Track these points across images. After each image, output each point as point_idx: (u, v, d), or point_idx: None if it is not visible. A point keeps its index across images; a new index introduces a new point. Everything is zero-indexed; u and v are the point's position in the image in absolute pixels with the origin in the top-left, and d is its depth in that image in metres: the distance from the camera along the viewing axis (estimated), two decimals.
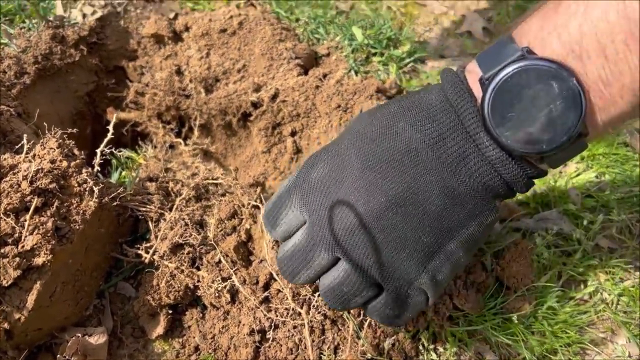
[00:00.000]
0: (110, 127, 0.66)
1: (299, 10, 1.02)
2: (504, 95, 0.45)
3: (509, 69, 0.45)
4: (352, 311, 0.63)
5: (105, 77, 0.99)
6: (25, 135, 0.64)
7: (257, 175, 0.88)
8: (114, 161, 0.78)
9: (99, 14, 0.97)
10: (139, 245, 0.67)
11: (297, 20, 1.00)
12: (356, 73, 0.92)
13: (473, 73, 0.48)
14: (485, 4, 1.13)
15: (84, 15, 0.97)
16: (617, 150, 0.87)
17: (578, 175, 0.84)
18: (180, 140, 0.88)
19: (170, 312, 0.65)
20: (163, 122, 0.95)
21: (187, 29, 0.99)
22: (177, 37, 1.00)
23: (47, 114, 0.88)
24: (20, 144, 0.64)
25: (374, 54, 0.96)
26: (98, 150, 0.65)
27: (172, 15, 1.01)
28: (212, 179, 0.73)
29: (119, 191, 0.65)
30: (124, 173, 0.77)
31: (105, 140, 0.66)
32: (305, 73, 0.93)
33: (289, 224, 0.53)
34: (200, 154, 0.90)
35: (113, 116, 0.89)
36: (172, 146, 0.93)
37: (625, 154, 0.87)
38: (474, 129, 0.47)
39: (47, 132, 0.65)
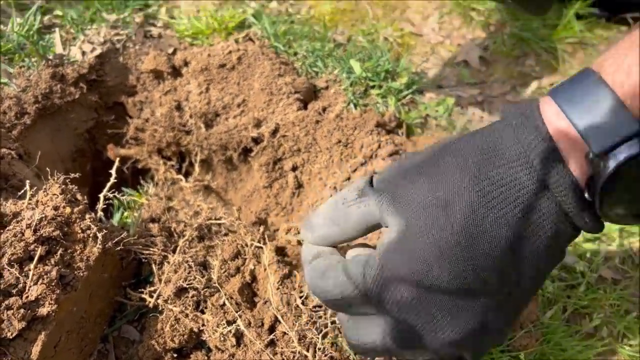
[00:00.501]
0: (113, 172, 0.66)
1: (297, 43, 1.03)
2: (621, 180, 0.39)
3: (629, 152, 0.39)
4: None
5: (105, 114, 0.99)
6: (28, 182, 0.64)
7: (259, 212, 0.88)
8: (115, 201, 0.78)
9: (98, 51, 0.98)
10: (142, 289, 0.66)
11: (295, 54, 1.01)
12: (355, 106, 0.93)
13: (567, 137, 0.42)
14: (481, 32, 1.14)
15: (84, 53, 0.97)
16: None
17: None
18: (181, 177, 0.88)
19: (175, 355, 0.65)
20: (164, 158, 0.95)
21: (186, 64, 1.00)
22: (176, 72, 1.00)
23: (48, 153, 0.88)
24: (23, 190, 0.64)
25: (372, 87, 0.97)
26: (101, 196, 0.66)
27: (170, 51, 1.02)
28: (215, 218, 0.73)
29: (122, 236, 0.65)
30: (126, 213, 0.77)
31: (108, 185, 0.66)
32: (305, 107, 0.93)
33: (364, 329, 0.49)
34: (201, 189, 0.90)
35: (113, 153, 0.90)
36: (173, 182, 0.93)
37: None
38: (574, 211, 0.43)
39: (49, 177, 0.65)
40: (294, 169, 0.88)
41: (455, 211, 0.43)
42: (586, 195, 0.42)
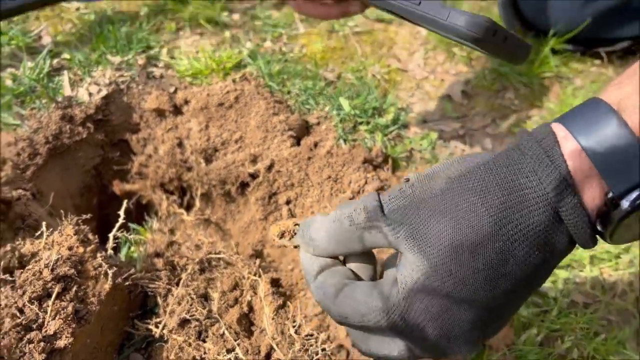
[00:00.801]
0: (122, 213, 0.73)
1: (290, 82, 1.10)
2: (633, 215, 0.43)
3: None
4: None
5: (111, 150, 1.06)
6: (44, 223, 0.70)
7: (255, 243, 0.94)
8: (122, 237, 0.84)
9: (104, 92, 1.04)
10: (149, 320, 0.72)
11: (289, 92, 1.08)
12: (345, 141, 1.00)
13: (587, 177, 0.44)
14: (463, 67, 1.21)
15: (90, 94, 1.04)
16: None
17: None
18: (183, 210, 0.95)
19: None
20: (166, 192, 1.01)
21: (186, 102, 1.06)
22: (177, 110, 1.07)
23: (58, 190, 0.95)
24: (40, 231, 0.70)
25: (361, 123, 1.04)
26: (110, 235, 0.72)
27: (172, 90, 1.08)
28: (215, 253, 0.79)
29: (130, 272, 0.71)
30: (132, 248, 0.83)
31: (117, 225, 0.73)
32: (298, 143, 1.00)
33: (378, 343, 0.51)
34: (202, 222, 0.96)
35: (119, 188, 0.96)
36: (176, 215, 0.99)
37: None
38: (584, 241, 0.46)
39: (63, 218, 0.71)
40: (288, 202, 0.95)
41: (481, 255, 0.45)
42: (598, 227, 0.46)
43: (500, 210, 0.45)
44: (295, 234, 0.53)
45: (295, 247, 0.53)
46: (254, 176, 0.97)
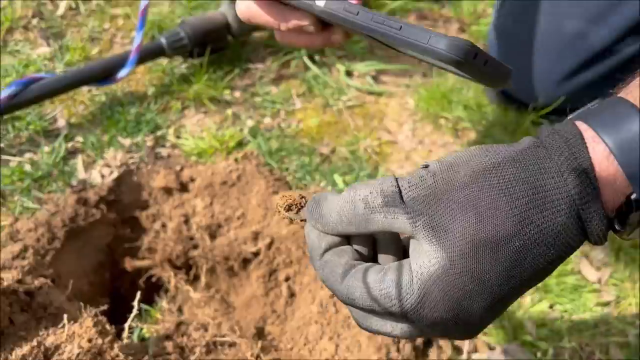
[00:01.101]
0: (136, 304, 0.80)
1: (288, 159, 1.18)
2: None
3: None
4: None
5: (121, 227, 1.14)
6: (65, 316, 0.78)
7: (257, 320, 1.01)
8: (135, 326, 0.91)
9: (115, 174, 1.13)
10: None
11: (287, 169, 1.16)
12: None
13: (613, 179, 0.45)
14: (450, 137, 1.30)
15: (103, 176, 1.13)
16: (567, 279, 1.02)
17: (533, 306, 0.98)
18: (190, 288, 1.02)
19: None
20: (174, 267, 1.09)
21: (192, 180, 1.15)
22: (183, 188, 1.15)
23: (74, 270, 1.02)
24: (61, 324, 0.77)
25: None
26: (126, 326, 0.79)
27: (178, 168, 1.17)
28: (220, 336, 0.86)
29: (144, 359, 0.78)
30: (144, 330, 0.90)
31: (132, 315, 0.80)
32: None
33: (380, 322, 0.50)
34: (208, 298, 1.04)
35: (130, 265, 1.04)
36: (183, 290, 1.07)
37: (574, 283, 1.01)
38: (599, 240, 0.47)
39: (82, 311, 0.79)
40: (287, 279, 1.02)
41: (501, 254, 0.45)
42: (616, 226, 0.46)
43: (524, 210, 0.45)
44: (302, 207, 0.53)
45: (302, 220, 0.53)
46: (255, 254, 1.05)
